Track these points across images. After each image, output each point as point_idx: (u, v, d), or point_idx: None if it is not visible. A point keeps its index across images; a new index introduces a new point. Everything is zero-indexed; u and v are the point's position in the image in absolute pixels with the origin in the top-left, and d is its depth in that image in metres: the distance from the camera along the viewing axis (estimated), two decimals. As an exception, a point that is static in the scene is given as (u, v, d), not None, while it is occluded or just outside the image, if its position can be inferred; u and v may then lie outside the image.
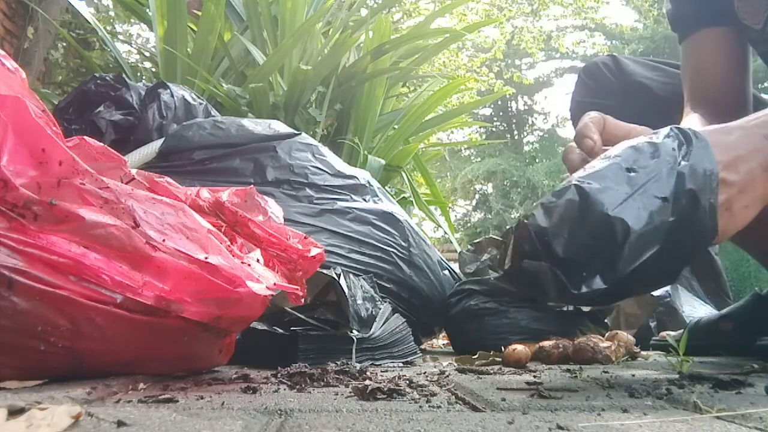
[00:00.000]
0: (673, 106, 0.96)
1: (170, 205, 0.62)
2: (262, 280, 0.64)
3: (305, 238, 0.80)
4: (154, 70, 2.87)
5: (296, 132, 1.44)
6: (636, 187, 0.55)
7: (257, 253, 0.74)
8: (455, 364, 0.92)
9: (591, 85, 1.11)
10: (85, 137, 0.69)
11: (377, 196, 1.43)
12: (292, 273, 0.75)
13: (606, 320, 1.43)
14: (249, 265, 0.67)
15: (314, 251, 0.77)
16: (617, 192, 0.55)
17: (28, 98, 0.56)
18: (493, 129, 15.86)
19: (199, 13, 2.56)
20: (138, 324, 0.58)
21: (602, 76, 1.10)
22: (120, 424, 0.37)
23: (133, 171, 0.73)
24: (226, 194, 0.80)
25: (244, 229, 0.75)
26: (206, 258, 0.60)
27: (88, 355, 0.56)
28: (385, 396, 0.53)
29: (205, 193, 0.78)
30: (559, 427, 0.39)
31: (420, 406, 0.49)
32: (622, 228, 0.53)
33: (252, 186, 0.88)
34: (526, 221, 0.56)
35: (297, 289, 0.71)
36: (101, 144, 0.71)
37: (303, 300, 0.77)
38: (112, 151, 0.71)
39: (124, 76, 1.45)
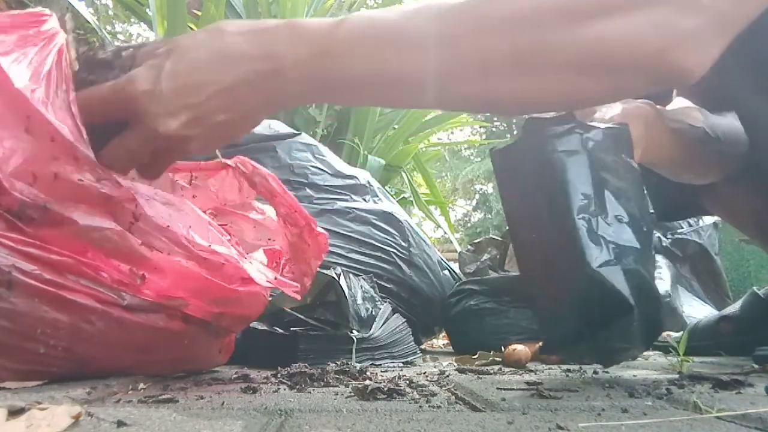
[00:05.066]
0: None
1: (170, 198, 0.62)
2: (262, 273, 0.64)
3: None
4: (154, 70, 2.86)
5: (296, 132, 1.43)
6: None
7: (260, 253, 0.74)
8: (455, 364, 0.92)
9: None
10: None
11: (377, 196, 1.43)
12: (301, 241, 0.75)
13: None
14: (251, 261, 0.67)
15: (319, 229, 0.77)
16: None
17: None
18: (493, 129, 15.85)
19: (199, 13, 2.56)
20: (138, 328, 0.58)
21: None
22: (120, 424, 0.37)
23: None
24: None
25: (262, 182, 0.75)
26: (209, 245, 0.60)
27: (87, 359, 0.56)
28: (385, 396, 0.53)
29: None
30: (559, 427, 0.39)
31: (420, 406, 0.49)
32: None
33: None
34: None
35: (296, 287, 0.71)
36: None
37: (303, 298, 0.77)
38: None
39: (124, 76, 1.44)
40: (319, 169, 1.36)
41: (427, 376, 0.73)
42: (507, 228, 0.71)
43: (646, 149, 0.76)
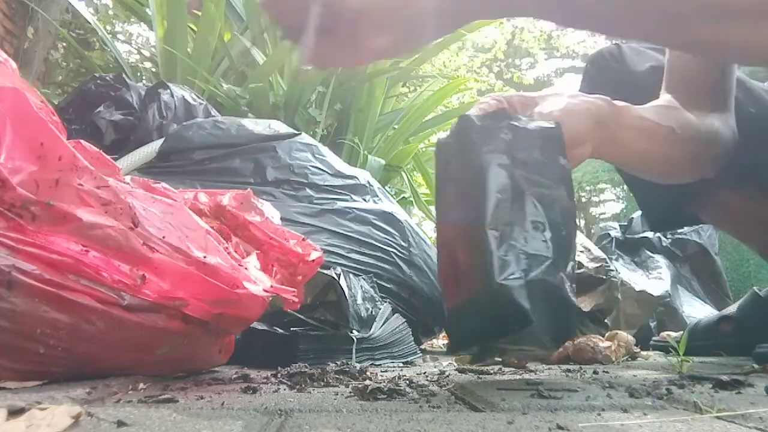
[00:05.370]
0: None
1: (169, 204, 0.62)
2: (259, 282, 0.64)
3: (303, 239, 0.80)
4: (154, 70, 2.87)
5: (296, 132, 1.43)
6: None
7: (253, 258, 0.74)
8: (455, 364, 0.92)
9: (597, 78, 1.04)
10: (81, 141, 0.69)
11: (377, 196, 1.43)
12: (293, 277, 0.75)
13: (606, 320, 1.43)
14: (246, 268, 0.67)
15: (314, 255, 0.77)
16: None
17: (25, 89, 0.55)
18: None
19: (199, 13, 2.56)
20: (138, 328, 0.58)
21: (608, 67, 1.03)
22: (120, 424, 0.37)
23: (127, 179, 0.73)
24: (225, 198, 0.80)
25: (244, 232, 0.75)
26: (204, 257, 0.60)
27: (87, 359, 0.56)
28: (385, 396, 0.53)
29: (203, 197, 0.78)
30: (559, 427, 0.39)
31: (420, 406, 0.48)
32: None
33: (248, 189, 0.88)
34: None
35: (293, 292, 0.71)
36: (96, 150, 0.71)
37: (301, 301, 0.77)
38: (107, 157, 0.71)
39: (124, 76, 1.45)
40: (319, 169, 1.36)
41: (427, 376, 0.73)
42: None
43: (600, 145, 0.72)
